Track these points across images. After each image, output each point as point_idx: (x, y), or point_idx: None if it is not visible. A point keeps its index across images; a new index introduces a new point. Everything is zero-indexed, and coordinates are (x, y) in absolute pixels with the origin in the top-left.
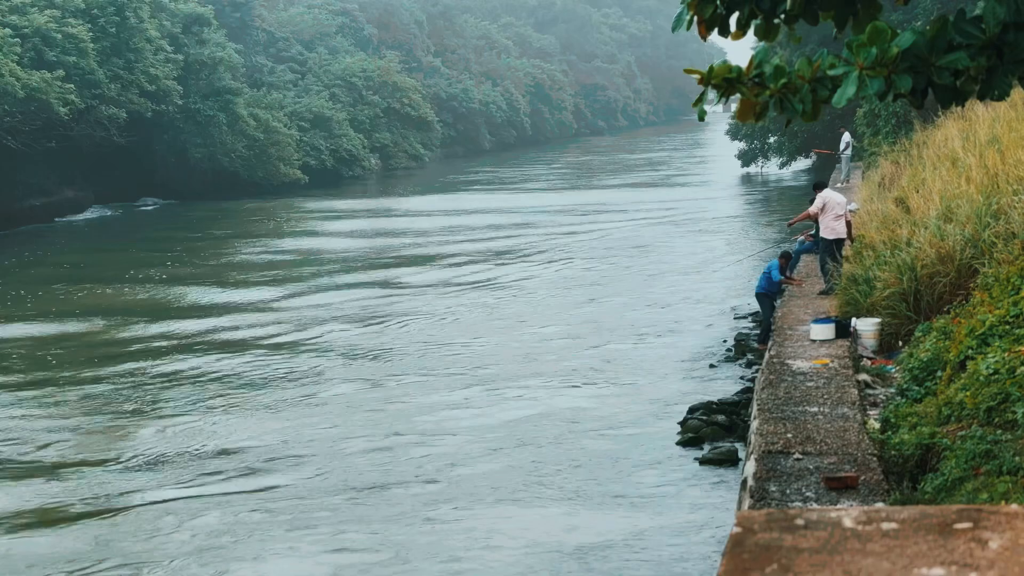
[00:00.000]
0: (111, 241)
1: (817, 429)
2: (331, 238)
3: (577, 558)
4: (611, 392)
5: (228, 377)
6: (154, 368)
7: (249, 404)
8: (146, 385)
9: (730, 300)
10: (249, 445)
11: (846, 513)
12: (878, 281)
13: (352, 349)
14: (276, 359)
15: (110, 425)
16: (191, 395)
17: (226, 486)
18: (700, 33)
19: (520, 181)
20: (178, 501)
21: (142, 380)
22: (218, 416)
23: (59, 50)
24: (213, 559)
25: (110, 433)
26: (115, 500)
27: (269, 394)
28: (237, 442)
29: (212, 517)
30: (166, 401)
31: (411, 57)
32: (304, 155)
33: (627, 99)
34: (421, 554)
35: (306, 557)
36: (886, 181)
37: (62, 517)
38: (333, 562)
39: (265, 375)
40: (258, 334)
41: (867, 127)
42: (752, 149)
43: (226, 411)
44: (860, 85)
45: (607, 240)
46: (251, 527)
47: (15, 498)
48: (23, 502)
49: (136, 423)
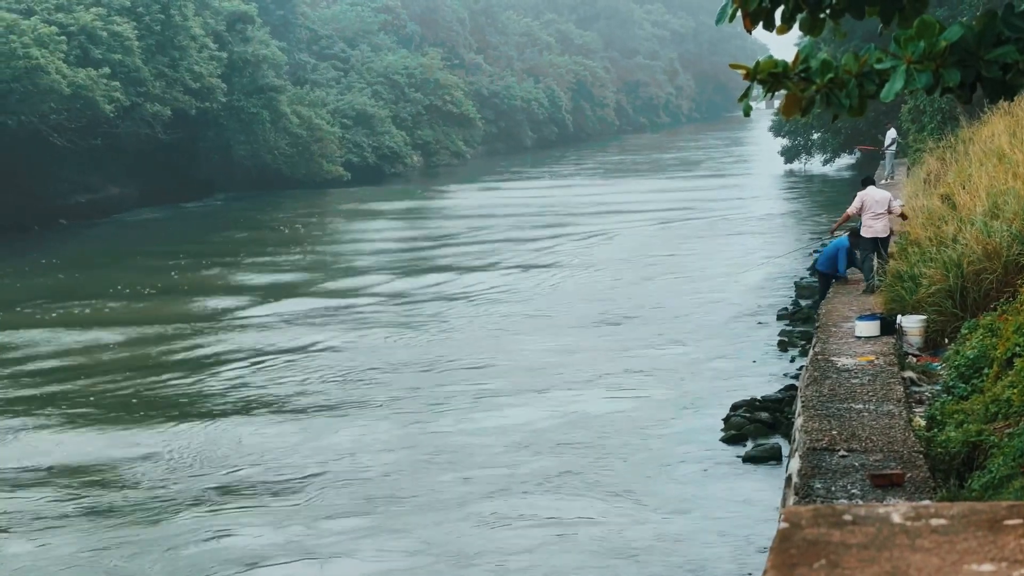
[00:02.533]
0: (165, 239)
1: (862, 426)
2: (363, 242)
3: (620, 556)
4: (653, 390)
5: (255, 382)
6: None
7: (280, 409)
8: (178, 385)
9: (772, 297)
10: (274, 449)
11: (894, 509)
12: (924, 278)
13: (387, 352)
14: (312, 361)
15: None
16: (209, 403)
17: (254, 491)
18: (745, 26)
19: (565, 176)
20: (210, 510)
21: (187, 381)
22: (234, 426)
23: (104, 48)
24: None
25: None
26: (159, 501)
27: (299, 398)
28: (262, 450)
29: (249, 527)
30: (188, 406)
31: (453, 54)
32: (347, 152)
33: (669, 95)
34: (459, 555)
35: (346, 561)
36: (931, 178)
37: (95, 520)
38: (376, 567)
39: (294, 378)
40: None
41: (912, 123)
42: (795, 145)
43: (249, 419)
44: (908, 79)
45: (644, 240)
46: (282, 533)
47: (55, 499)
48: (61, 505)
49: (173, 424)
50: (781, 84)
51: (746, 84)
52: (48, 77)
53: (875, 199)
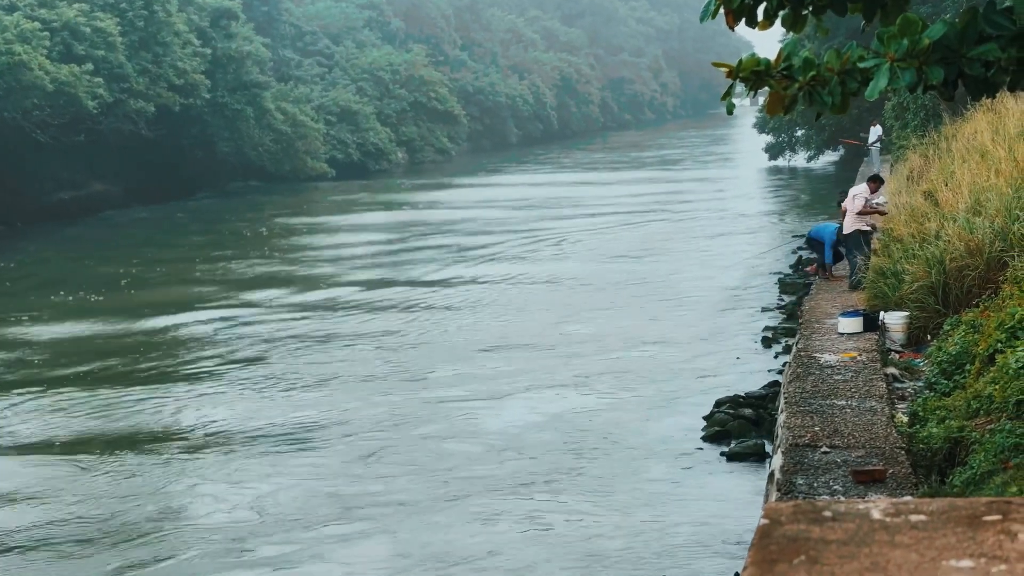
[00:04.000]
0: (162, 236)
1: (845, 423)
2: (349, 233)
3: (601, 554)
4: (634, 387)
5: (269, 365)
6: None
7: (277, 390)
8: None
9: (755, 293)
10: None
11: (874, 505)
12: (906, 274)
13: (376, 344)
14: (313, 352)
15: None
16: (229, 380)
17: (273, 476)
18: (728, 23)
19: (554, 170)
20: (224, 485)
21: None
22: (256, 401)
23: (88, 44)
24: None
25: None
26: (175, 479)
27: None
28: (263, 429)
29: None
30: (214, 381)
31: (438, 51)
32: (331, 148)
33: (654, 93)
34: (444, 552)
35: (354, 549)
36: (915, 174)
37: (121, 495)
38: (372, 560)
39: (298, 368)
40: (302, 324)
41: (895, 120)
42: (780, 142)
43: (262, 399)
44: (892, 77)
45: (629, 237)
46: (297, 518)
47: (85, 476)
48: (85, 481)
49: (197, 401)
50: (764, 82)
51: (730, 82)
52: (31, 73)
53: (852, 193)
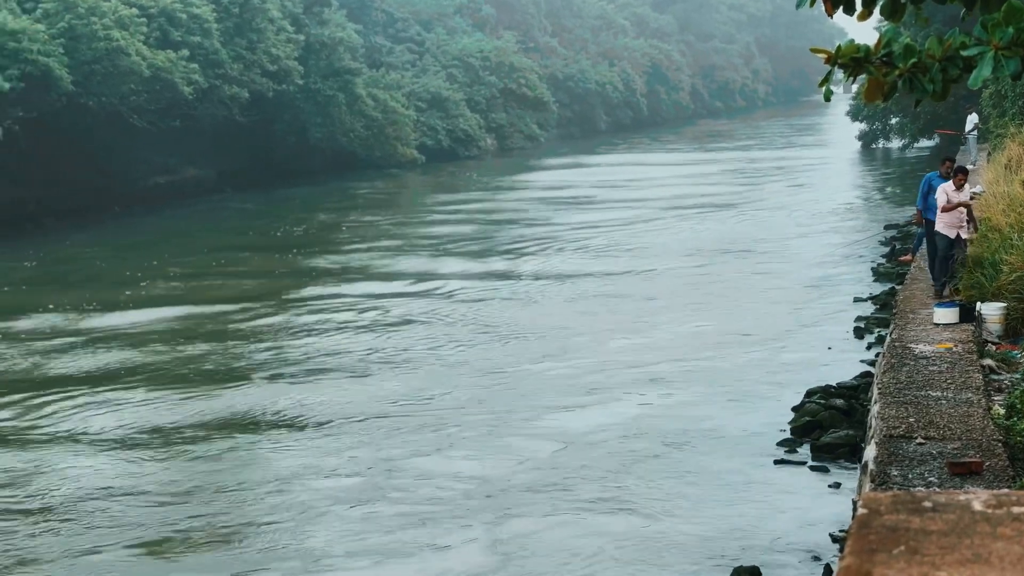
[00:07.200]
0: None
1: (940, 414)
2: (433, 226)
3: (690, 543)
4: (726, 378)
5: (340, 357)
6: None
7: (347, 386)
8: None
9: (848, 283)
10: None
11: (975, 496)
12: (1004, 264)
13: (453, 344)
14: (381, 345)
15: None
16: (298, 371)
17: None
18: (826, 10)
19: (644, 152)
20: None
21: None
22: (314, 393)
23: (184, 30)
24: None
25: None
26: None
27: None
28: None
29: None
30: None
31: (528, 38)
32: (421, 135)
33: (745, 80)
34: (519, 553)
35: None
36: (1013, 163)
37: (187, 481)
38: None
39: (369, 360)
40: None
41: (993, 108)
42: (873, 130)
43: (326, 392)
44: (996, 65)
45: (717, 227)
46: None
47: (154, 460)
48: (163, 466)
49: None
50: (863, 69)
51: (826, 69)
52: (128, 59)
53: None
